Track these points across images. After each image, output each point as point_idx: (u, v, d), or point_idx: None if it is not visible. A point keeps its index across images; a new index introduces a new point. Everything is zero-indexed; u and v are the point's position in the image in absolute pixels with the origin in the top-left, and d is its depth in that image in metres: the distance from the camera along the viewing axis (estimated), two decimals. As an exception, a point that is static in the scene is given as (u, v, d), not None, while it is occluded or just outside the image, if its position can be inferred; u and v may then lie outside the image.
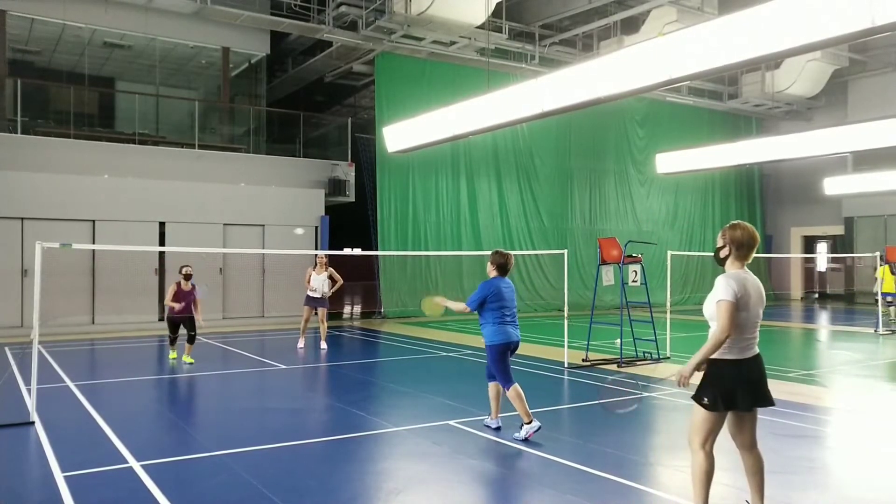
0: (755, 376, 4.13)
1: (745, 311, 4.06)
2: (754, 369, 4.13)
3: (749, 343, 4.12)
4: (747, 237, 4.14)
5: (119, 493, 5.00)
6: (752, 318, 4.12)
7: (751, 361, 4.12)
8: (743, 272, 4.16)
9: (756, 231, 4.22)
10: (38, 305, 7.11)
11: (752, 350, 4.14)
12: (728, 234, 4.19)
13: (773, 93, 22.52)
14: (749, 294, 4.09)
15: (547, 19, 19.49)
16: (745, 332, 4.09)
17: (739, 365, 4.08)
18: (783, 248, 27.76)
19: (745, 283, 4.09)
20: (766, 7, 6.62)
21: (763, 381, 4.18)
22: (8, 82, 16.00)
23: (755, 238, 4.18)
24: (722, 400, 4.05)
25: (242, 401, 8.85)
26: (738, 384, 4.06)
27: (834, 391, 9.31)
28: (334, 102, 24.70)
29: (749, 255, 4.18)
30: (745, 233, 4.15)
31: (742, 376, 4.08)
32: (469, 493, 5.11)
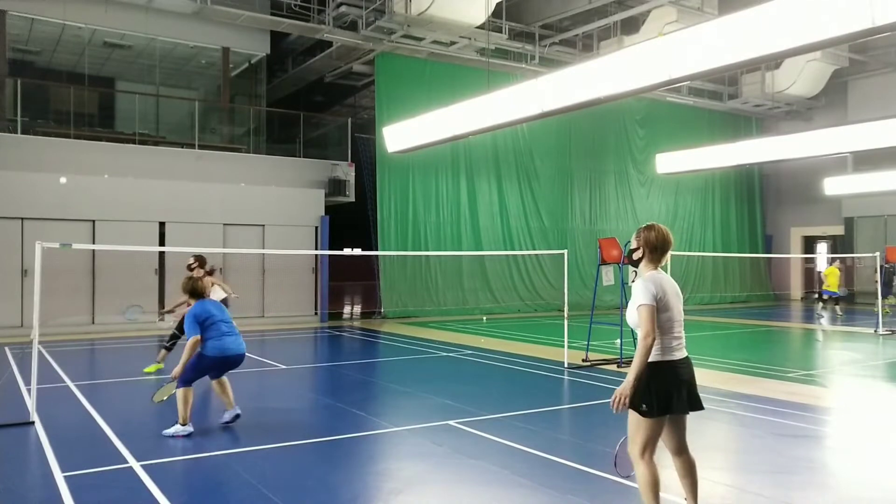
0: (687, 378, 4.06)
1: (666, 311, 4.01)
2: (685, 371, 4.07)
3: (678, 344, 4.06)
4: (661, 239, 4.09)
5: (119, 493, 5.00)
6: (675, 317, 4.06)
7: (682, 363, 4.06)
8: (658, 273, 4.11)
9: (670, 233, 4.17)
10: (38, 305, 7.11)
11: (681, 351, 4.08)
12: (643, 236, 4.13)
13: (773, 93, 22.52)
14: (667, 293, 4.04)
15: (547, 19, 19.49)
16: (671, 331, 4.03)
17: (672, 367, 4.01)
18: (783, 248, 27.76)
19: (662, 284, 4.04)
20: (766, 7, 6.62)
21: (692, 384, 4.10)
22: (8, 82, 16.00)
23: (669, 240, 4.13)
24: (658, 404, 3.96)
25: (242, 401, 8.83)
26: (673, 386, 3.99)
27: (834, 391, 9.31)
28: (334, 102, 24.71)
29: (662, 257, 4.14)
30: (659, 234, 4.10)
31: (675, 378, 4.01)
32: (469, 493, 5.11)
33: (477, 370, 10.79)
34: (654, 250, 4.10)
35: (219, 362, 6.77)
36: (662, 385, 3.97)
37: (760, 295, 26.74)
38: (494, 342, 13.91)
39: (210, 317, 6.75)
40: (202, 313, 6.71)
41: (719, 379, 9.73)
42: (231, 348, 6.75)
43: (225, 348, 6.72)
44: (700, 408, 4.13)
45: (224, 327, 6.76)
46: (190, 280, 7.09)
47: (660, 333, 4.01)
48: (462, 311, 19.66)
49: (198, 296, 6.92)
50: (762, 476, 5.39)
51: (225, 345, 6.72)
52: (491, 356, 11.97)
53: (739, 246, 26.67)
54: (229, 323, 6.87)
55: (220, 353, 6.70)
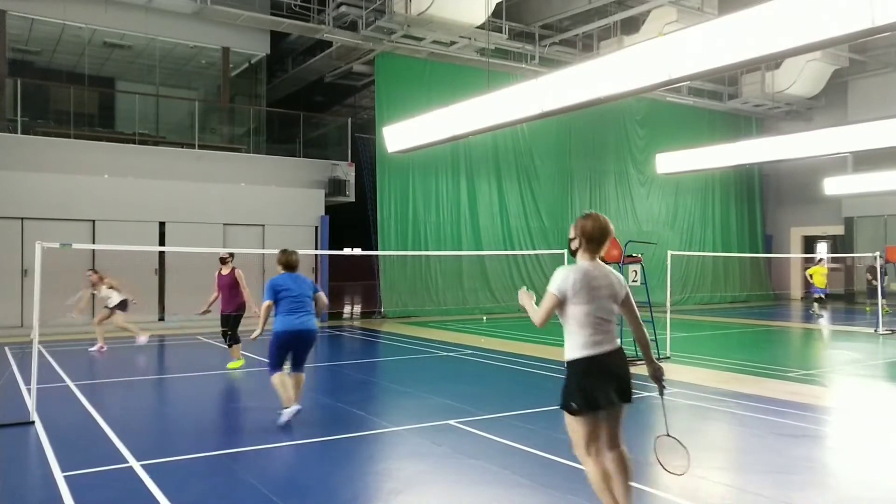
0: (612, 372, 3.90)
1: (584, 304, 3.85)
2: (611, 364, 3.91)
3: (601, 339, 3.89)
4: (598, 229, 3.92)
5: (119, 493, 5.00)
6: (599, 314, 3.88)
7: (606, 357, 3.89)
8: (590, 265, 3.94)
9: (609, 223, 3.99)
10: (38, 305, 7.11)
11: (607, 345, 3.90)
12: (579, 225, 3.98)
13: (774, 93, 22.52)
14: (592, 288, 3.86)
15: (547, 19, 19.49)
16: (591, 326, 3.87)
17: (593, 361, 3.87)
18: (783, 248, 27.77)
19: (587, 277, 3.87)
20: (766, 7, 6.62)
21: (623, 378, 3.94)
22: (8, 82, 16.00)
23: (606, 231, 3.95)
24: (585, 402, 3.85)
25: (242, 401, 8.85)
26: (598, 381, 3.87)
27: (834, 391, 9.31)
28: (334, 102, 24.71)
29: (599, 248, 3.97)
30: (597, 224, 3.93)
31: (601, 373, 3.88)
32: (469, 493, 5.11)
33: (477, 370, 10.79)
34: (591, 240, 3.94)
35: (284, 337, 6.81)
36: (588, 381, 3.88)
37: (760, 295, 26.74)
38: (494, 342, 13.91)
39: (284, 290, 6.87)
40: (278, 285, 6.91)
41: (719, 379, 9.73)
42: (293, 324, 6.79)
43: (287, 324, 6.79)
44: (628, 401, 3.96)
45: (292, 304, 6.83)
46: (283, 252, 7.34)
47: (579, 328, 3.89)
48: (462, 311, 19.66)
49: (289, 268, 7.15)
50: (762, 476, 5.39)
51: (287, 321, 6.80)
52: (491, 356, 11.97)
53: (739, 246, 26.67)
54: (299, 301, 6.89)
55: (283, 328, 6.80)
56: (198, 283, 16.52)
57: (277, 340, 6.85)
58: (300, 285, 7.03)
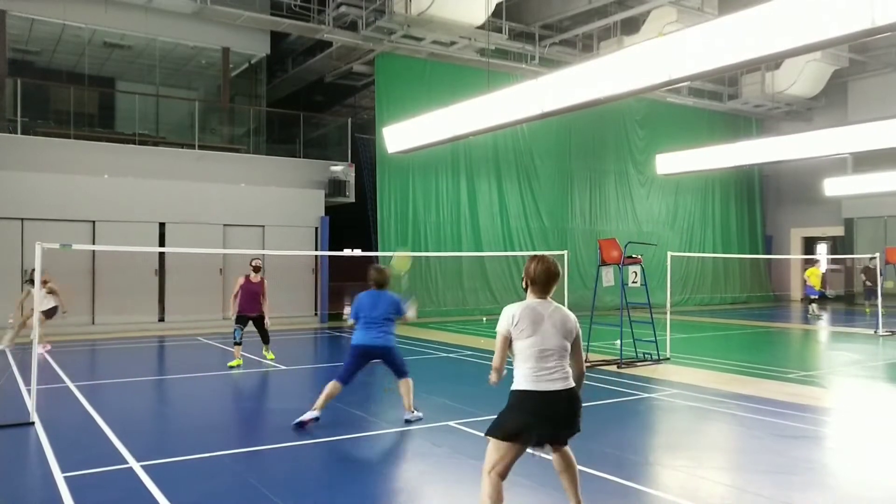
0: (554, 415, 3.89)
1: (527, 339, 3.91)
2: (556, 407, 3.88)
3: (546, 374, 3.89)
4: (540, 272, 4.01)
5: (119, 494, 5.00)
6: (545, 346, 3.91)
7: (553, 397, 3.87)
8: (536, 302, 4.02)
9: (556, 267, 4.07)
10: (38, 305, 7.11)
11: (553, 384, 3.88)
12: (526, 267, 4.11)
13: (774, 93, 22.52)
14: (537, 322, 3.93)
15: (547, 20, 19.49)
16: (537, 360, 3.89)
17: (535, 398, 3.88)
18: (783, 249, 27.76)
19: (532, 313, 3.95)
20: (766, 7, 6.63)
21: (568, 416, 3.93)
22: (8, 82, 16.00)
23: (550, 273, 4.02)
24: (510, 428, 3.89)
25: (242, 401, 8.85)
26: (529, 417, 3.87)
27: (833, 392, 9.30)
28: (334, 103, 24.71)
29: (546, 288, 4.03)
30: (540, 267, 4.03)
31: (537, 411, 3.87)
32: (469, 493, 5.11)
33: (477, 370, 10.79)
34: (534, 283, 4.03)
35: (355, 351, 7.04)
36: (516, 414, 3.90)
37: (760, 296, 26.74)
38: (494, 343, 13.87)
39: (363, 312, 7.12)
40: (359, 307, 7.15)
41: (719, 379, 9.73)
42: (361, 340, 7.01)
43: (356, 339, 7.06)
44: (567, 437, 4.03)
45: (367, 322, 7.08)
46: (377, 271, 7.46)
47: (521, 361, 3.94)
48: (462, 312, 19.66)
49: (379, 286, 7.30)
50: (762, 476, 5.39)
51: (357, 336, 7.07)
52: (491, 356, 11.94)
53: (739, 246, 26.67)
54: (372, 317, 7.10)
55: (356, 341, 7.05)
56: (198, 283, 16.56)
57: (351, 350, 7.11)
58: (379, 306, 7.14)
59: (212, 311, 16.73)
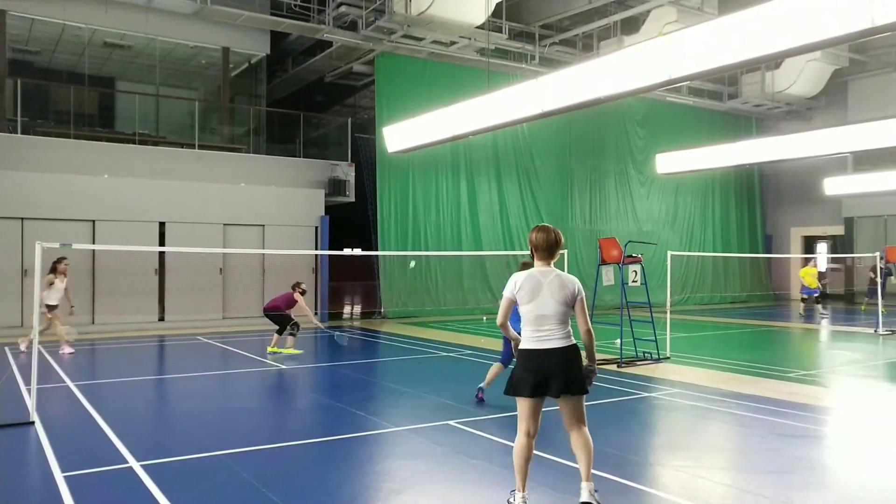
0: (546, 367, 4.36)
1: (527, 303, 4.40)
2: (547, 360, 4.37)
3: (543, 335, 4.39)
4: (541, 240, 4.53)
5: (119, 493, 5.00)
6: (541, 312, 4.38)
7: (546, 353, 4.38)
8: (538, 270, 4.50)
9: (556, 234, 4.58)
10: (38, 305, 7.11)
11: (547, 342, 4.38)
12: (529, 236, 4.64)
13: (773, 93, 22.51)
14: (535, 289, 4.40)
15: (547, 19, 19.48)
16: (535, 324, 4.40)
17: (531, 355, 4.40)
18: (783, 248, 27.76)
19: (533, 280, 4.43)
20: (766, 7, 6.63)
21: (563, 370, 4.35)
22: (8, 82, 16.00)
23: (550, 241, 4.53)
24: (511, 387, 4.44)
25: (242, 401, 8.85)
26: (527, 372, 4.38)
27: (834, 391, 9.30)
28: (334, 102, 24.71)
29: (548, 255, 4.53)
30: (541, 235, 4.54)
31: (532, 365, 4.38)
32: (469, 493, 5.11)
33: (477, 370, 10.77)
34: (536, 249, 4.56)
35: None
36: (518, 370, 4.45)
37: (760, 295, 26.74)
38: (494, 342, 13.90)
39: None
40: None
41: (719, 379, 9.73)
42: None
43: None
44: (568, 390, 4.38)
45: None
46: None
47: (524, 324, 4.47)
48: (462, 311, 19.66)
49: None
50: (762, 476, 5.39)
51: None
52: (491, 356, 11.96)
53: (739, 246, 26.67)
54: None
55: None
56: (198, 283, 16.57)
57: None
58: None
59: (212, 311, 16.74)
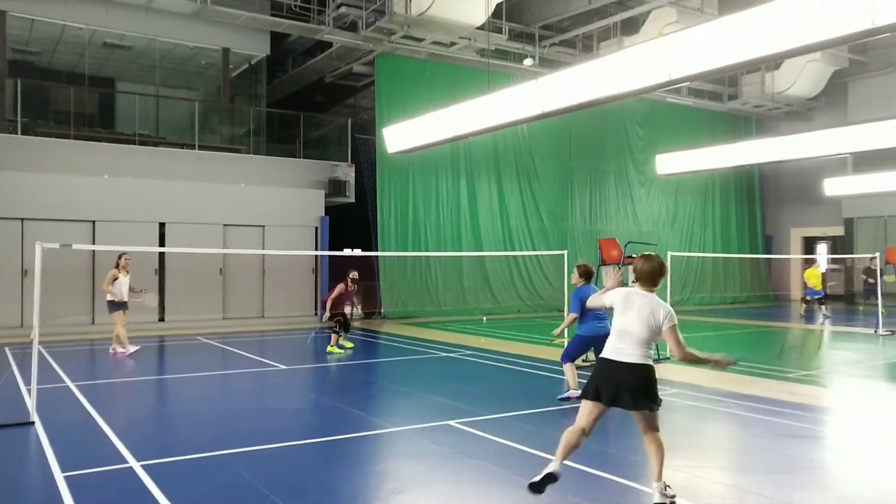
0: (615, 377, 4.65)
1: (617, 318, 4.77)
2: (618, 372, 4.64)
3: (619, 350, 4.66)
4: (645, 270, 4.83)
5: (119, 493, 5.00)
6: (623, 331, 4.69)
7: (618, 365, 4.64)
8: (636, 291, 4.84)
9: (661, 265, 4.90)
10: (38, 305, 7.11)
11: (622, 356, 4.64)
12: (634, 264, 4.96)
13: (773, 93, 22.52)
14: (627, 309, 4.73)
15: (547, 20, 19.50)
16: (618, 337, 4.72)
17: (605, 363, 4.73)
18: (783, 248, 27.76)
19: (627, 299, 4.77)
20: (766, 7, 6.62)
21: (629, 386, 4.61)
22: (8, 83, 16.00)
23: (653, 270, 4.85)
24: (588, 389, 4.74)
25: (242, 401, 8.85)
26: (596, 378, 4.73)
27: (834, 391, 9.31)
28: (334, 103, 24.71)
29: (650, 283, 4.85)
30: (646, 266, 4.84)
31: (601, 373, 4.73)
32: (469, 493, 5.11)
33: (477, 370, 10.79)
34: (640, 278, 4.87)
35: (589, 341, 7.93)
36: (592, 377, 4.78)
37: (760, 295, 26.74)
38: (494, 342, 13.91)
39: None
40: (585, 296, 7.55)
41: (719, 379, 9.72)
42: (598, 329, 7.73)
43: (593, 329, 7.80)
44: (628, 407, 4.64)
45: (598, 314, 7.82)
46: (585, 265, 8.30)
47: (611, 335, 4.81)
48: (462, 312, 19.66)
49: (588, 278, 8.18)
50: (762, 476, 5.40)
51: (594, 327, 7.81)
52: (491, 356, 11.97)
53: (739, 246, 26.67)
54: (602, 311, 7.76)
55: (589, 333, 7.84)
56: (198, 283, 16.57)
57: (584, 341, 8.01)
58: None
59: (212, 311, 16.74)
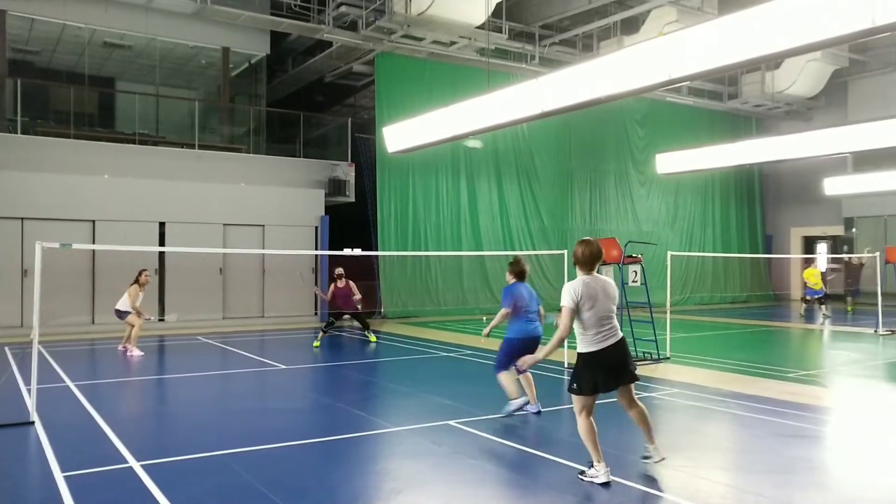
0: (614, 362, 5.06)
1: (589, 310, 4.98)
2: (613, 356, 5.04)
3: (604, 335, 5.03)
4: (586, 255, 5.09)
5: (119, 493, 5.00)
6: (600, 314, 5.01)
7: (608, 350, 5.02)
8: (589, 277, 5.10)
9: (597, 247, 5.10)
10: (38, 305, 7.10)
11: (609, 340, 5.03)
12: (574, 251, 5.16)
13: (773, 93, 22.51)
14: (592, 296, 5.00)
15: (547, 19, 19.48)
16: (596, 327, 5.00)
17: (597, 356, 5.01)
18: (783, 248, 27.76)
19: (588, 289, 5.01)
20: (766, 7, 6.62)
21: (623, 363, 5.11)
22: (8, 82, 16.00)
23: (593, 254, 5.09)
24: (586, 386, 5.02)
25: (242, 401, 8.85)
26: (598, 371, 5.00)
27: (834, 391, 9.31)
28: (334, 102, 24.70)
29: (589, 266, 5.11)
30: (585, 249, 5.09)
31: (601, 364, 5.02)
32: (469, 493, 5.11)
33: (477, 370, 10.79)
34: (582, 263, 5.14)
35: (517, 343, 7.22)
36: (589, 371, 5.04)
37: (760, 295, 26.74)
38: (494, 342, 13.87)
39: (520, 300, 7.31)
40: (517, 296, 7.32)
41: (719, 379, 9.73)
42: (528, 331, 7.25)
43: (522, 331, 7.25)
44: (629, 381, 5.20)
45: (528, 314, 7.32)
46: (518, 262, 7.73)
47: (583, 328, 5.03)
48: (462, 311, 19.65)
49: (521, 277, 7.60)
50: (762, 476, 5.39)
51: (523, 328, 7.26)
52: (491, 356, 11.93)
53: (739, 246, 26.67)
54: (532, 309, 7.38)
55: (518, 335, 7.25)
56: (198, 283, 16.57)
57: (512, 345, 7.26)
58: (531, 297, 7.46)
59: (212, 311, 16.74)
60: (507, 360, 7.32)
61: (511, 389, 7.31)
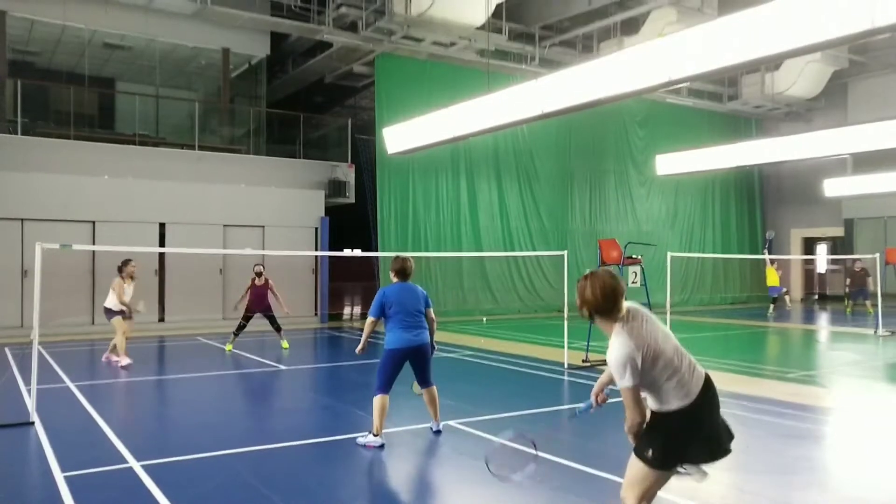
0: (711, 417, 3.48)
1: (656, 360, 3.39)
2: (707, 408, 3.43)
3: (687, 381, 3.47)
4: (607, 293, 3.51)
5: (119, 493, 5.00)
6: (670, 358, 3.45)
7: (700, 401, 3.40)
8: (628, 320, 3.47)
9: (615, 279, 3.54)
10: (38, 306, 7.11)
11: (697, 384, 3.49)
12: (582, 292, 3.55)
13: (773, 94, 22.52)
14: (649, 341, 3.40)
15: (547, 20, 19.49)
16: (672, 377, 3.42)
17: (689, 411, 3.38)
18: (783, 249, 27.75)
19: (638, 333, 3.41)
20: (766, 7, 6.63)
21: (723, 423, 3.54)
22: (8, 83, 16.00)
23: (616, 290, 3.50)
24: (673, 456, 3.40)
25: (242, 401, 8.86)
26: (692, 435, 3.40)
27: (834, 392, 9.31)
28: (334, 103, 24.71)
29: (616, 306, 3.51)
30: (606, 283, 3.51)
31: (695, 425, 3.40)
32: (469, 492, 5.11)
33: (477, 370, 10.79)
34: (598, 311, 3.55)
35: (398, 355, 6.26)
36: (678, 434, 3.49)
37: (760, 296, 26.71)
38: (494, 342, 13.90)
39: (396, 304, 6.19)
40: (388, 299, 6.24)
41: (719, 380, 9.67)
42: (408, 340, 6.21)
43: (401, 341, 6.20)
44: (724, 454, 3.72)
45: (405, 319, 6.21)
46: (398, 259, 6.56)
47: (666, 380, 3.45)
48: (462, 312, 19.65)
49: (403, 276, 6.43)
50: (762, 476, 5.40)
51: (401, 337, 6.20)
52: (491, 356, 11.96)
53: (739, 246, 26.67)
54: (412, 315, 6.25)
55: (397, 345, 6.22)
56: (197, 283, 16.56)
57: (391, 358, 6.27)
58: (412, 298, 6.30)
59: (212, 312, 16.73)
60: (388, 376, 6.26)
61: (378, 423, 6.09)
